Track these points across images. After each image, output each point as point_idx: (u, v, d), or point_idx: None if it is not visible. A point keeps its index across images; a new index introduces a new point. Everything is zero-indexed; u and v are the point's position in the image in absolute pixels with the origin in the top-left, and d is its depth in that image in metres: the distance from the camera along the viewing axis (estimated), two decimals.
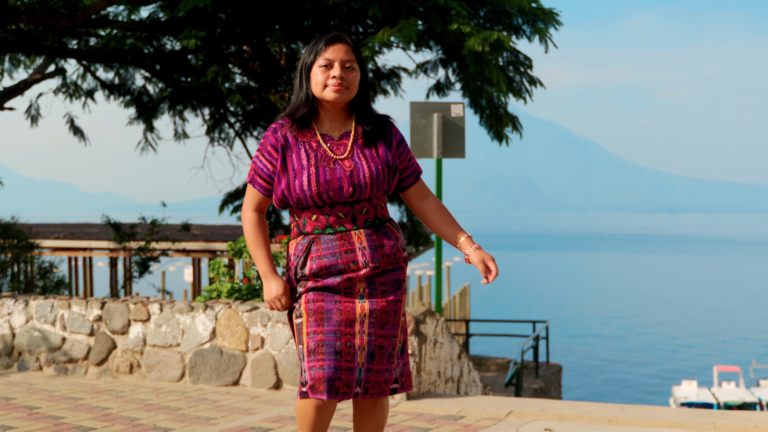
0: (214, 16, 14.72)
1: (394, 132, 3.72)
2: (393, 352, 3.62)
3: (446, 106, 10.01)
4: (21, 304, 7.87)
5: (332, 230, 3.59)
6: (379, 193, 3.63)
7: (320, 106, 3.67)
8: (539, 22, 14.06)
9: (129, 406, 6.22)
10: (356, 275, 3.57)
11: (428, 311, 6.84)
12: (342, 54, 3.61)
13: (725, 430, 5.56)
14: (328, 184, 3.53)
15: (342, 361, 3.52)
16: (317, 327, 3.54)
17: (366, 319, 3.57)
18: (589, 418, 5.94)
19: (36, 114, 21.54)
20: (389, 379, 3.62)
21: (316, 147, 3.60)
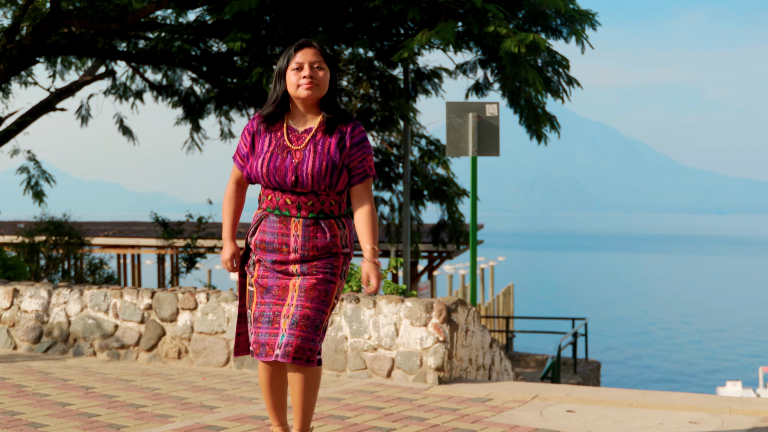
0: (258, 19, 15.14)
1: (354, 134, 4.20)
2: (320, 325, 4.12)
3: (481, 105, 10.34)
4: (76, 294, 8.33)
5: (279, 212, 4.18)
6: (322, 187, 4.10)
7: (294, 103, 4.23)
8: (576, 23, 14.33)
9: (177, 387, 6.63)
10: (286, 258, 4.15)
11: (459, 301, 7.19)
12: (310, 56, 4.16)
13: (741, 413, 5.85)
14: (276, 169, 4.12)
15: (271, 327, 4.12)
16: (261, 299, 4.20)
17: (295, 292, 4.12)
18: (611, 401, 6.26)
19: (86, 114, 22.12)
20: (314, 348, 4.08)
21: (279, 137, 4.20)
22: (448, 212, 19.90)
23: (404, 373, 6.92)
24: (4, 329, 8.62)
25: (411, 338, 6.90)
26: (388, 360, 6.98)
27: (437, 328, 6.81)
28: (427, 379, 6.84)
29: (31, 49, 17.21)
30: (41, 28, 16.66)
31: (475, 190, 11.23)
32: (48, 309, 8.42)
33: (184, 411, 5.77)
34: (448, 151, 10.61)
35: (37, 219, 21.36)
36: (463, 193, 19.61)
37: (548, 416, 5.71)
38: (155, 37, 16.27)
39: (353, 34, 15.49)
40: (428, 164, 19.93)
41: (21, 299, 8.58)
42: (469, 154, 10.41)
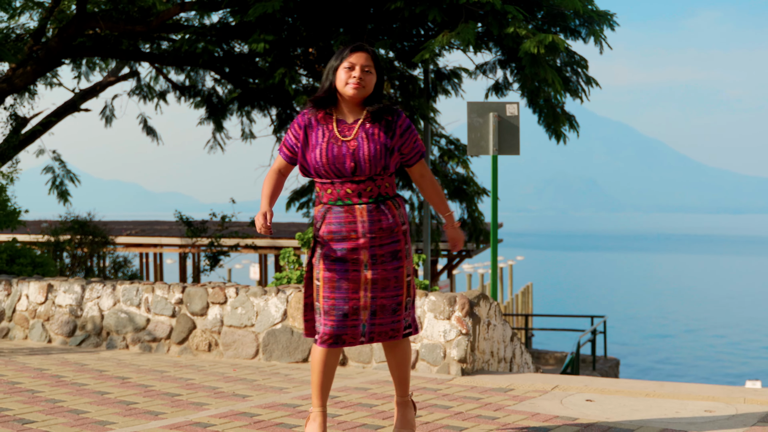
0: (281, 21, 15.36)
1: (399, 122, 4.56)
2: (398, 308, 4.55)
3: (501, 105, 10.55)
4: (109, 289, 8.59)
5: (341, 202, 4.49)
6: (378, 170, 4.48)
7: (341, 99, 4.57)
8: (594, 24, 14.52)
9: (209, 378, 6.88)
10: (356, 243, 4.46)
11: (482, 295, 7.41)
12: (363, 59, 4.52)
13: (755, 402, 6.05)
14: (335, 157, 4.44)
15: (347, 320, 4.48)
16: (329, 293, 4.48)
17: (369, 285, 4.49)
18: (629, 392, 6.47)
19: (111, 115, 22.41)
20: (397, 327, 4.57)
21: (330, 129, 4.52)
22: (468, 211, 20.10)
23: (428, 365, 7.15)
24: (39, 323, 8.89)
25: (435, 331, 7.13)
26: (413, 352, 7.20)
27: (460, 321, 7.04)
28: (451, 370, 7.06)
29: (57, 51, 17.50)
30: (67, 30, 16.95)
31: (495, 189, 11.44)
32: (81, 303, 8.69)
33: (218, 399, 6.01)
34: (469, 150, 10.83)
35: (62, 218, 21.67)
36: (483, 192, 19.80)
37: (568, 405, 5.93)
38: (179, 39, 16.53)
39: (374, 35, 15.71)
40: (448, 163, 20.14)
41: (55, 294, 8.85)
42: (489, 152, 10.63)
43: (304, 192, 20.58)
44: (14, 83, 17.99)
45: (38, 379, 6.74)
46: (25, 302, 9.04)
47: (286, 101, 18.90)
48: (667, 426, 5.28)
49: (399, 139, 4.56)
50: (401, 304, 4.57)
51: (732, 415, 5.62)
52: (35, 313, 8.94)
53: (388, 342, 4.65)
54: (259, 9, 13.90)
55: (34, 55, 17.93)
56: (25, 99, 21.02)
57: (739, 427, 5.27)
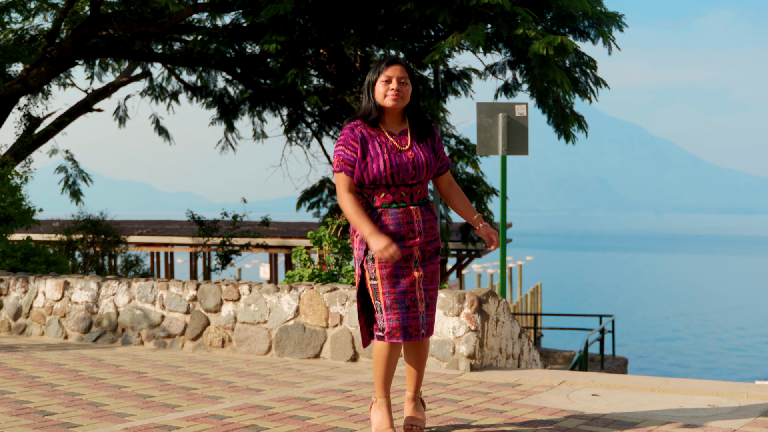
0: (292, 22, 15.53)
1: (436, 134, 4.99)
2: (435, 302, 4.90)
3: (510, 106, 10.68)
4: (124, 286, 8.75)
5: (397, 205, 4.78)
6: (430, 176, 4.88)
7: (383, 112, 4.86)
8: (603, 25, 14.64)
9: (223, 373, 7.03)
10: (413, 242, 4.76)
11: (490, 292, 7.55)
12: (398, 72, 4.81)
13: (757, 397, 6.17)
14: (398, 167, 4.72)
15: (410, 312, 4.73)
16: (390, 288, 4.72)
17: (421, 279, 4.77)
18: (635, 387, 6.60)
19: (124, 115, 22.59)
20: (434, 322, 4.91)
21: (385, 141, 4.79)
22: (478, 210, 20.22)
23: (438, 361, 7.29)
24: (55, 320, 9.06)
25: (444, 327, 7.27)
26: None
27: (469, 317, 7.18)
28: (460, 366, 7.20)
29: (71, 52, 17.69)
30: (81, 31, 17.14)
31: (504, 189, 11.58)
32: (97, 300, 8.85)
33: (233, 393, 6.17)
34: (479, 150, 10.97)
35: (74, 217, 21.87)
36: (492, 191, 19.91)
37: (574, 399, 6.07)
38: (192, 40, 16.70)
39: (385, 36, 15.86)
40: (458, 163, 20.26)
41: (71, 291, 9.02)
42: (499, 152, 10.77)
43: (315, 192, 20.72)
44: (29, 83, 18.19)
45: (56, 374, 6.90)
46: (42, 299, 9.21)
47: (297, 101, 19.05)
48: (671, 419, 5.42)
49: (438, 147, 4.95)
50: (436, 298, 4.93)
51: (735, 409, 5.75)
52: (52, 310, 9.11)
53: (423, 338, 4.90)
54: (271, 11, 14.07)
55: (48, 56, 18.13)
56: (38, 99, 21.24)
57: (741, 419, 5.40)
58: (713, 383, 6.83)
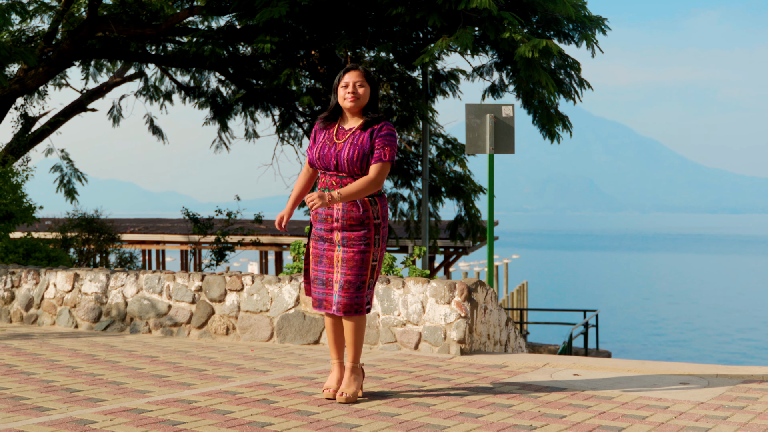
0: (286, 25, 16.00)
1: (381, 129, 5.58)
2: (362, 285, 5.53)
3: (497, 107, 11.21)
4: (132, 277, 9.24)
5: (326, 190, 5.55)
6: (356, 170, 5.51)
7: (345, 111, 5.67)
8: (587, 29, 15.17)
9: (230, 357, 7.53)
10: (331, 226, 5.56)
11: (479, 282, 8.06)
12: (354, 77, 5.62)
13: (725, 376, 6.69)
14: (324, 157, 5.57)
15: (326, 288, 5.63)
16: (315, 266, 5.71)
17: (339, 263, 5.56)
18: (613, 368, 7.12)
19: (118, 115, 23.01)
20: (360, 302, 5.55)
21: (331, 133, 5.65)
22: (465, 208, 20.74)
23: (430, 345, 7.80)
24: (66, 310, 9.54)
25: (436, 314, 7.78)
26: (416, 334, 7.86)
27: (459, 305, 7.69)
28: (451, 350, 7.72)
29: (69, 53, 18.11)
30: (79, 32, 17.56)
31: (492, 187, 12.10)
32: (106, 291, 9.33)
33: (241, 373, 6.67)
34: (467, 149, 11.49)
35: (69, 215, 22.27)
36: (480, 189, 20.45)
37: (557, 378, 6.59)
38: (188, 42, 17.14)
39: (375, 38, 16.35)
40: (446, 162, 20.79)
41: (81, 283, 9.49)
42: (486, 151, 11.29)
43: None
44: (26, 84, 18.60)
45: (74, 358, 7.38)
46: (53, 290, 9.68)
47: (289, 101, 19.52)
48: (644, 393, 5.94)
49: (373, 141, 5.56)
50: (365, 283, 5.56)
51: (704, 385, 6.28)
52: (62, 301, 9.58)
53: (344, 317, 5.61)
54: (266, 14, 14.53)
55: (44, 57, 18.55)
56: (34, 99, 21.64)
57: (708, 395, 5.92)
58: (686, 365, 7.36)
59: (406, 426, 4.92)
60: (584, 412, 5.34)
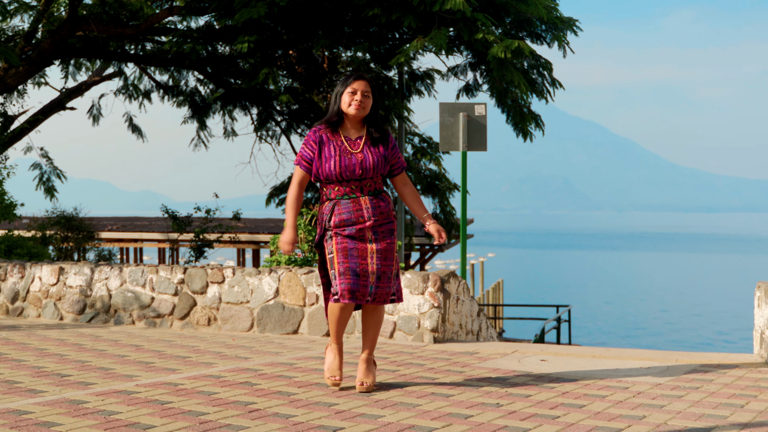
0: (265, 25, 16.28)
1: (391, 141, 5.84)
2: (391, 276, 5.71)
3: (470, 106, 11.55)
4: (116, 271, 9.52)
5: (348, 197, 5.67)
6: (377, 175, 5.73)
7: (346, 118, 5.74)
8: (558, 30, 15.55)
9: (212, 346, 7.83)
10: (363, 225, 5.62)
11: (452, 273, 8.40)
12: (363, 86, 5.70)
13: (684, 361, 7.06)
14: (346, 167, 5.63)
15: (360, 280, 5.60)
16: (344, 259, 5.62)
17: (374, 254, 5.63)
18: (578, 354, 7.48)
19: (98, 114, 23.21)
20: (389, 292, 5.72)
21: (339, 144, 5.68)
22: (440, 206, 21.11)
23: (404, 334, 8.13)
24: (51, 302, 9.81)
25: (410, 304, 8.11)
26: (391, 323, 8.19)
27: (433, 295, 8.03)
28: (424, 338, 8.05)
29: (49, 52, 18.33)
30: (60, 32, 17.78)
31: (465, 183, 12.44)
32: (91, 284, 9.61)
33: (224, 360, 6.98)
34: (441, 146, 11.83)
35: (48, 213, 22.46)
36: (455, 187, 20.81)
37: (525, 363, 6.93)
38: (168, 41, 17.40)
39: (352, 38, 16.66)
40: (421, 160, 21.15)
41: (66, 276, 9.77)
42: (459, 149, 11.63)
43: (284, 188, 21.47)
44: (7, 83, 18.79)
45: (62, 347, 7.67)
46: (38, 284, 9.95)
47: (267, 100, 19.81)
48: (607, 377, 6.30)
49: (390, 153, 5.77)
50: (395, 271, 5.75)
51: (664, 369, 6.64)
52: (48, 294, 9.85)
53: (375, 305, 5.76)
54: (245, 14, 14.82)
55: (24, 56, 18.75)
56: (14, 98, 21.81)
57: (667, 377, 6.28)
58: (648, 351, 7.73)
59: (382, 404, 5.25)
60: (548, 392, 5.68)
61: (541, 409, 5.14)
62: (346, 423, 4.74)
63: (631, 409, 5.15)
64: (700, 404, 5.30)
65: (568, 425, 4.72)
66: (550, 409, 5.12)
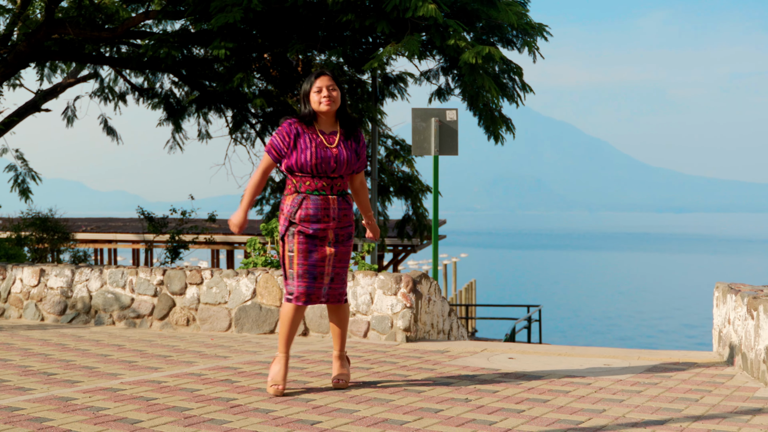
0: (240, 29, 16.50)
1: (360, 137, 6.01)
2: (344, 277, 5.95)
3: (442, 111, 11.86)
4: (96, 272, 9.75)
5: (318, 193, 5.76)
6: (349, 171, 5.86)
7: (318, 115, 5.86)
8: (528, 36, 15.88)
9: (192, 345, 8.09)
10: (327, 225, 5.76)
11: (423, 275, 8.69)
12: (326, 82, 5.84)
13: (646, 359, 7.38)
14: (323, 159, 5.74)
15: (316, 282, 5.79)
16: (303, 261, 5.76)
17: (332, 257, 5.80)
18: (545, 352, 7.79)
19: (72, 115, 23.34)
20: (342, 293, 5.96)
21: (315, 137, 5.79)
22: (413, 207, 21.40)
23: (378, 333, 8.42)
24: (32, 303, 10.02)
25: (383, 305, 8.40)
26: (365, 323, 8.48)
27: (405, 296, 8.32)
28: (397, 338, 8.34)
29: (26, 55, 18.46)
30: (36, 35, 17.93)
31: (436, 186, 12.75)
32: (72, 285, 9.84)
33: (204, 359, 7.23)
34: (414, 150, 12.13)
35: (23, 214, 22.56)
36: (427, 189, 21.11)
37: (493, 361, 7.23)
38: (144, 45, 17.58)
39: (326, 42, 16.90)
40: (394, 162, 21.43)
41: (47, 278, 9.99)
42: (431, 153, 11.93)
43: None
44: None
45: (45, 346, 7.90)
46: (20, 285, 10.16)
47: (242, 103, 20.02)
48: (571, 374, 6.61)
49: (360, 149, 5.94)
50: (346, 275, 5.97)
51: (625, 367, 6.95)
52: (29, 295, 10.06)
53: (336, 304, 5.98)
54: (221, 19, 15.02)
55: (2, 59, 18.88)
56: None
57: (628, 374, 6.60)
58: (612, 349, 8.05)
59: (357, 399, 5.53)
60: (515, 387, 5.99)
61: (508, 403, 5.44)
62: (323, 417, 5.02)
63: (593, 403, 5.46)
64: (658, 399, 5.61)
65: (533, 418, 5.01)
66: (516, 404, 5.42)
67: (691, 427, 4.81)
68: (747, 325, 6.48)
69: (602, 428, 4.78)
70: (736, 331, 6.86)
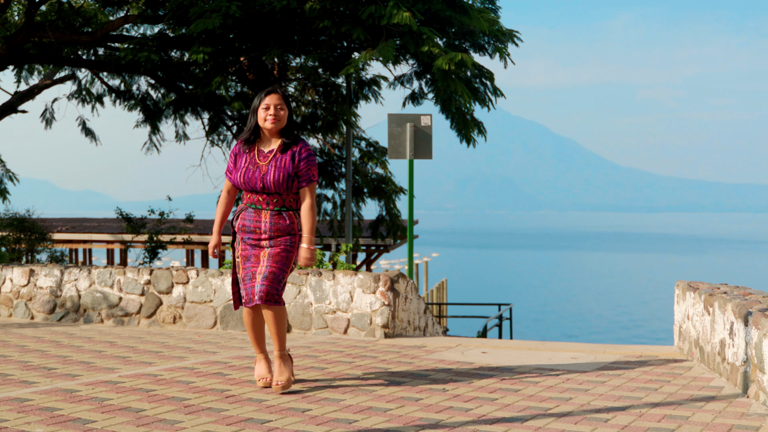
0: (218, 34, 16.85)
1: (301, 152, 6.05)
2: (280, 277, 5.92)
3: (417, 117, 12.31)
4: (85, 272, 10.12)
5: (254, 206, 6.03)
6: (281, 190, 5.96)
7: (263, 131, 6.04)
8: (499, 42, 16.36)
9: (180, 342, 8.48)
10: (259, 236, 5.98)
11: (401, 274, 9.13)
12: (275, 100, 6.01)
13: (611, 353, 7.85)
14: (249, 180, 5.96)
15: (252, 283, 5.93)
16: (243, 265, 6.03)
17: (265, 257, 5.95)
18: (516, 347, 8.24)
19: (50, 117, 23.59)
20: (279, 293, 5.93)
21: (251, 158, 6.01)
22: (386, 208, 21.83)
23: (357, 330, 8.85)
24: (22, 302, 10.37)
25: (363, 303, 8.83)
26: (345, 320, 8.91)
27: (383, 294, 8.75)
28: (376, 334, 8.77)
29: (5, 58, 18.73)
30: (16, 38, 18.21)
31: (411, 189, 13.19)
32: (61, 285, 10.20)
33: (194, 354, 7.63)
34: (390, 154, 12.56)
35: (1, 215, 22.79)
36: (400, 190, 21.56)
37: (467, 355, 7.68)
38: (123, 49, 17.88)
39: (303, 47, 17.30)
40: (368, 164, 21.86)
41: (37, 277, 10.34)
42: (406, 157, 12.37)
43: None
44: None
45: (40, 343, 8.27)
46: (9, 285, 10.50)
47: (219, 106, 20.35)
48: (540, 366, 7.06)
49: (296, 164, 5.99)
50: (284, 278, 5.97)
51: (591, 361, 7.42)
52: (19, 294, 10.41)
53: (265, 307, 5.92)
54: (200, 25, 15.38)
55: None
56: None
57: (594, 367, 7.06)
58: (579, 344, 8.52)
59: (341, 390, 5.96)
60: (488, 379, 6.44)
61: (482, 393, 5.89)
62: (312, 405, 5.44)
63: (560, 392, 5.91)
64: (620, 388, 6.08)
65: (505, 406, 5.46)
66: (490, 393, 5.87)
67: (650, 412, 5.27)
68: (704, 321, 6.96)
69: (568, 414, 5.23)
70: (695, 326, 7.34)
